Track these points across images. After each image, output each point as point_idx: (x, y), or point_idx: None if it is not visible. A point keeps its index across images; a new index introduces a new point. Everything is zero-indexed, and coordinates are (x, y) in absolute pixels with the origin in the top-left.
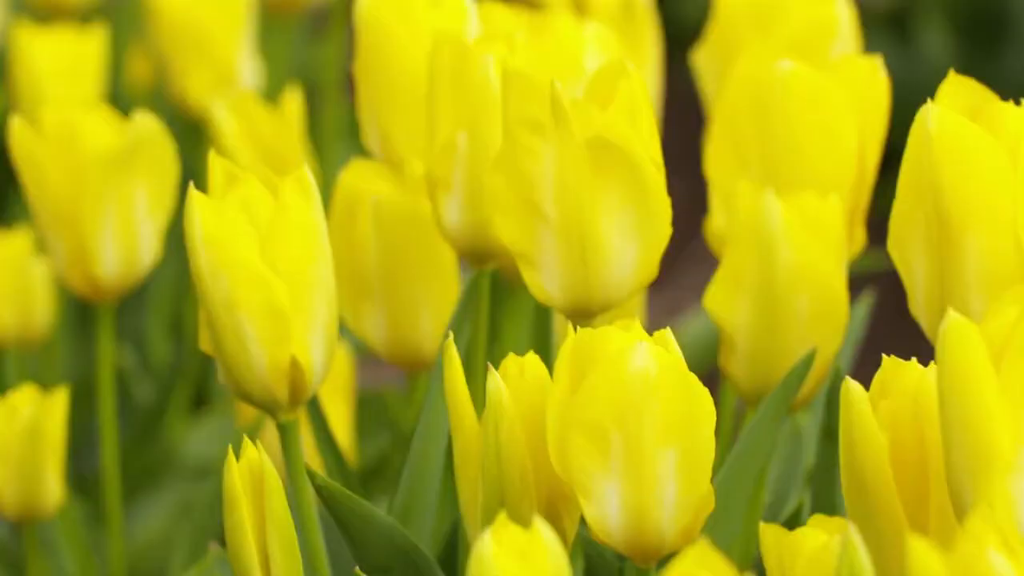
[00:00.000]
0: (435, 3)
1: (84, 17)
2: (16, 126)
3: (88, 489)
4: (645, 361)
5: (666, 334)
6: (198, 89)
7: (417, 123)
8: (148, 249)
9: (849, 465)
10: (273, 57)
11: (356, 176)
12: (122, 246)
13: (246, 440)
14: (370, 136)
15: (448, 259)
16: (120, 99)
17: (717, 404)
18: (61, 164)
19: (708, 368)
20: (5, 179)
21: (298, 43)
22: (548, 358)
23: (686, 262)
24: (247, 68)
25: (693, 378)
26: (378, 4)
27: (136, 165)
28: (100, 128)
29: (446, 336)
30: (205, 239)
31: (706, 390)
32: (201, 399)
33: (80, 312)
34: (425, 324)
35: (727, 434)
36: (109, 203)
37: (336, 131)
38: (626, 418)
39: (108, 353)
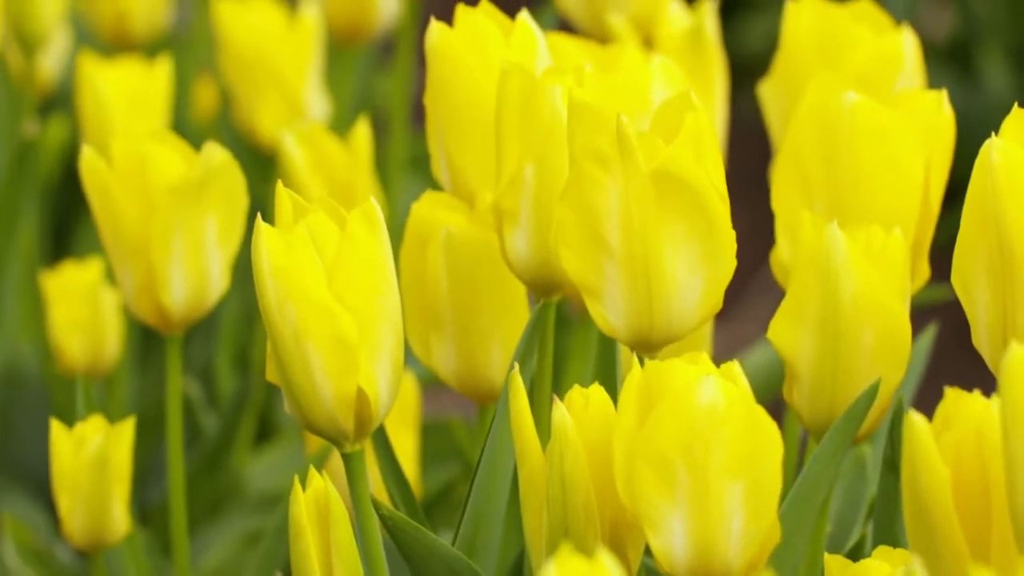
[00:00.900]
0: (506, 35)
1: (148, 48)
2: (87, 157)
3: (152, 519)
4: (713, 394)
5: (734, 367)
6: (267, 120)
7: (488, 155)
8: (217, 280)
9: (912, 497)
10: (338, 87)
11: (428, 207)
12: (191, 277)
13: (312, 470)
14: (440, 167)
15: (518, 291)
16: (185, 129)
17: (781, 434)
18: (132, 195)
19: (772, 398)
20: (73, 209)
21: (363, 72)
22: (612, 389)
23: (751, 294)
24: (315, 99)
25: (761, 411)
26: (450, 35)
27: (207, 196)
28: (170, 159)
29: (512, 367)
30: (273, 271)
31: (773, 423)
32: (265, 429)
33: (143, 342)
34: (495, 355)
35: (791, 464)
36: (179, 234)
37: (401, 161)
38: (693, 450)
39: (176, 383)
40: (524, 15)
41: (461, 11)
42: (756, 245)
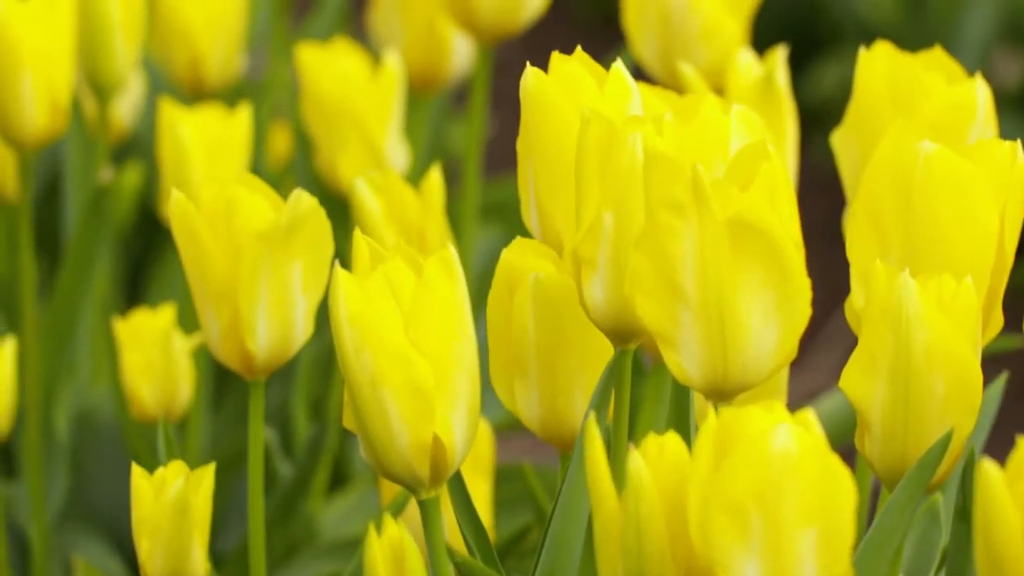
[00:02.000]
0: (600, 83)
1: (221, 94)
2: (176, 201)
3: (225, 565)
4: (787, 442)
5: (808, 415)
6: (348, 168)
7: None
8: (301, 327)
9: (984, 546)
10: (412, 134)
11: (517, 254)
12: (276, 323)
13: (387, 516)
14: (530, 214)
15: (603, 338)
16: (260, 175)
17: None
18: (219, 239)
19: (844, 445)
20: (146, 255)
21: (435, 120)
22: (687, 437)
23: (820, 344)
24: (396, 148)
25: (835, 459)
26: (545, 81)
27: (294, 242)
28: (258, 204)
29: (587, 415)
30: (350, 317)
31: (847, 471)
32: (340, 475)
33: (216, 387)
34: (578, 402)
35: (863, 512)
36: (266, 279)
37: (473, 209)
38: (767, 498)
39: (258, 429)
40: (619, 64)
41: (556, 58)
42: (826, 294)
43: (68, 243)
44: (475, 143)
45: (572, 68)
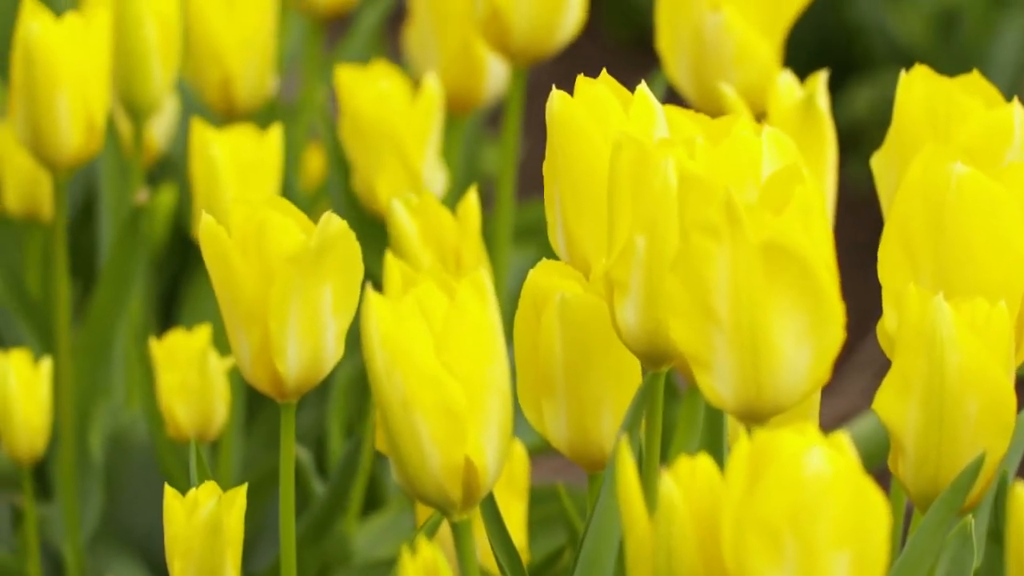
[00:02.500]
0: (625, 105)
1: (253, 116)
2: (206, 224)
3: None
4: (820, 465)
5: (841, 437)
6: (385, 189)
7: (605, 224)
8: (332, 350)
9: (1017, 567)
10: (447, 156)
11: (544, 275)
12: (307, 346)
13: (421, 538)
14: (557, 235)
15: (632, 359)
16: (293, 197)
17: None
18: (249, 262)
19: (877, 468)
20: (180, 275)
21: (470, 142)
22: (719, 459)
23: (851, 368)
24: (434, 170)
25: (868, 482)
26: (571, 104)
27: (324, 265)
28: (288, 227)
29: (619, 436)
30: (382, 340)
31: (880, 494)
32: (373, 496)
33: (249, 407)
34: (607, 423)
35: (896, 533)
36: (296, 302)
37: (507, 230)
38: (800, 520)
39: (289, 450)
40: (643, 87)
41: (582, 81)
42: (858, 318)
43: (103, 264)
44: (509, 165)
45: (598, 91)
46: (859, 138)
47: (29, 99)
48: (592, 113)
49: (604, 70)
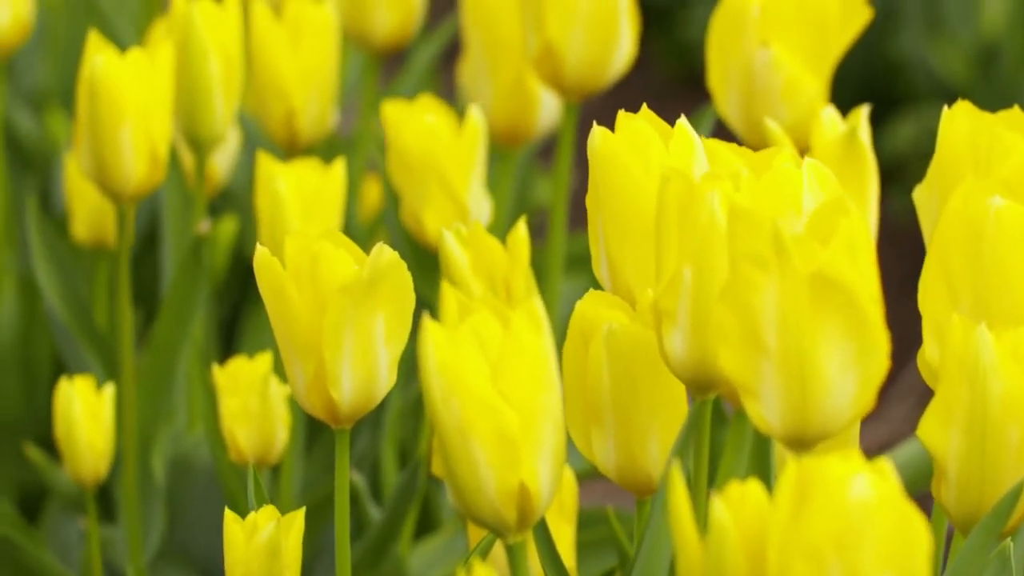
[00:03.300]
0: (666, 140)
1: (314, 149)
2: (261, 256)
3: None
4: (865, 490)
5: (884, 463)
6: (433, 220)
7: (647, 256)
8: (385, 377)
9: None
10: (498, 188)
11: (590, 306)
12: (360, 374)
13: (475, 559)
14: (601, 266)
15: (677, 387)
16: (352, 228)
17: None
18: (303, 293)
19: (919, 492)
20: (241, 303)
21: (522, 174)
22: (767, 484)
23: (892, 395)
24: (479, 201)
25: (911, 507)
26: (612, 140)
27: (376, 295)
28: (341, 258)
29: (670, 462)
30: (438, 367)
31: (923, 519)
32: (426, 519)
33: (309, 431)
34: (653, 450)
35: (938, 556)
36: (349, 331)
37: (559, 261)
38: (845, 544)
39: (344, 476)
40: (683, 121)
41: (622, 117)
42: (898, 347)
43: (166, 291)
44: (561, 196)
45: (639, 126)
46: (901, 171)
47: (94, 132)
48: (633, 148)
49: (645, 105)
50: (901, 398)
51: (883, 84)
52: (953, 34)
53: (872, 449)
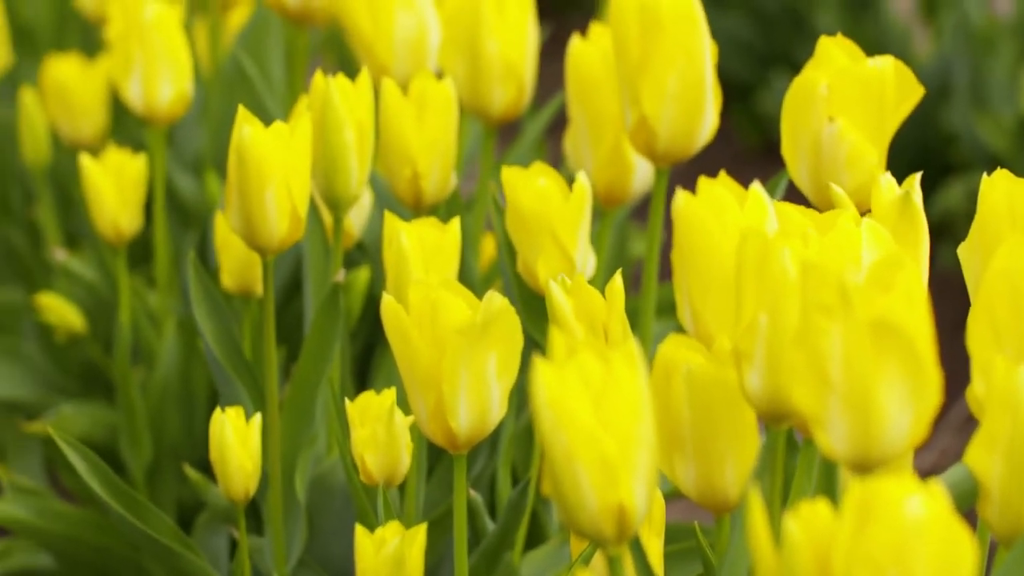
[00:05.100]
0: (741, 202)
1: (437, 208)
2: (388, 304)
3: None
4: (918, 509)
5: (936, 485)
6: (544, 271)
7: (724, 304)
8: (497, 408)
9: None
10: (598, 242)
11: (672, 348)
12: (475, 405)
13: (578, 567)
14: (684, 313)
15: (749, 418)
16: (471, 277)
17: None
18: (425, 335)
19: (965, 509)
20: (372, 344)
21: (619, 230)
22: (833, 503)
23: (939, 430)
24: (585, 255)
25: (960, 525)
26: (693, 203)
27: (488, 337)
28: (457, 304)
29: (750, 486)
30: (548, 401)
31: (970, 535)
32: (535, 532)
33: (432, 456)
34: (729, 473)
35: (982, 566)
36: (465, 369)
37: (652, 308)
38: (901, 557)
39: (462, 495)
40: (756, 186)
41: (703, 182)
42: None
43: (307, 332)
44: (653, 251)
45: (717, 191)
46: (951, 228)
47: (242, 194)
48: (712, 210)
49: (724, 172)
50: (942, 430)
51: (935, 153)
52: (996, 110)
53: (922, 473)
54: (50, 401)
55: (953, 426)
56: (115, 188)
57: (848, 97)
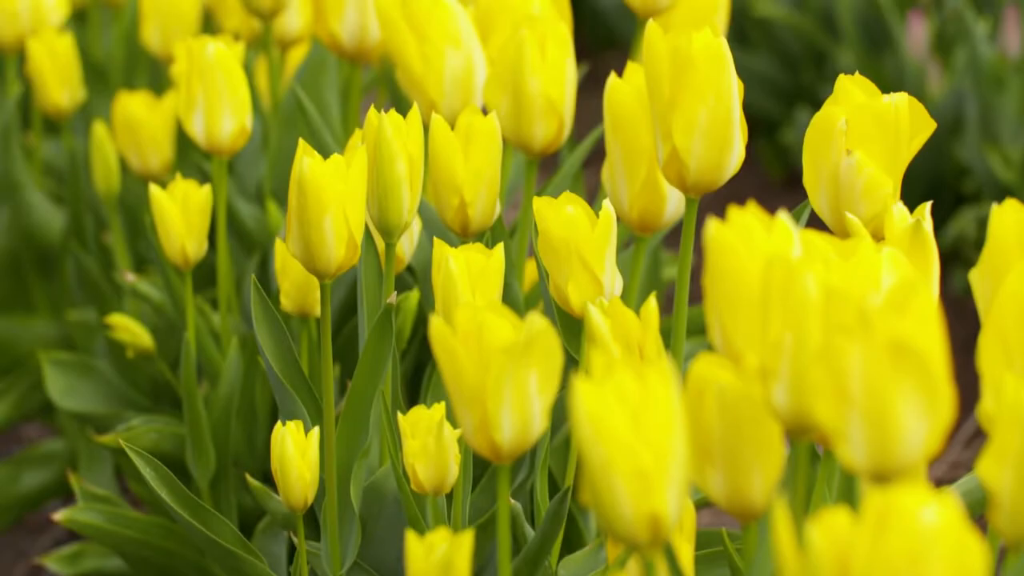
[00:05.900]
0: (768, 229)
1: (482, 236)
2: (436, 325)
3: None
4: (933, 517)
5: (949, 494)
6: (575, 294)
7: (752, 325)
8: (538, 422)
9: None
10: (633, 266)
11: (703, 366)
12: (518, 420)
13: (613, 571)
14: (715, 333)
15: (775, 432)
16: (514, 299)
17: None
18: (471, 354)
19: (975, 516)
20: (421, 362)
21: (653, 256)
22: (854, 512)
23: (952, 442)
24: (612, 278)
25: (972, 532)
26: (723, 230)
27: (530, 355)
28: (501, 325)
29: (775, 495)
30: (587, 416)
31: (981, 541)
32: (572, 538)
33: (477, 466)
34: (756, 483)
35: (992, 569)
36: (508, 385)
37: (682, 329)
38: (917, 564)
39: (505, 502)
40: (782, 214)
41: (732, 211)
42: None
43: (361, 351)
44: (685, 275)
45: (746, 218)
46: (963, 253)
47: (302, 222)
48: (741, 237)
49: (753, 200)
50: (949, 444)
51: (947, 184)
52: (1005, 144)
53: (934, 484)
54: (121, 415)
55: (962, 440)
56: (182, 216)
57: (865, 131)
